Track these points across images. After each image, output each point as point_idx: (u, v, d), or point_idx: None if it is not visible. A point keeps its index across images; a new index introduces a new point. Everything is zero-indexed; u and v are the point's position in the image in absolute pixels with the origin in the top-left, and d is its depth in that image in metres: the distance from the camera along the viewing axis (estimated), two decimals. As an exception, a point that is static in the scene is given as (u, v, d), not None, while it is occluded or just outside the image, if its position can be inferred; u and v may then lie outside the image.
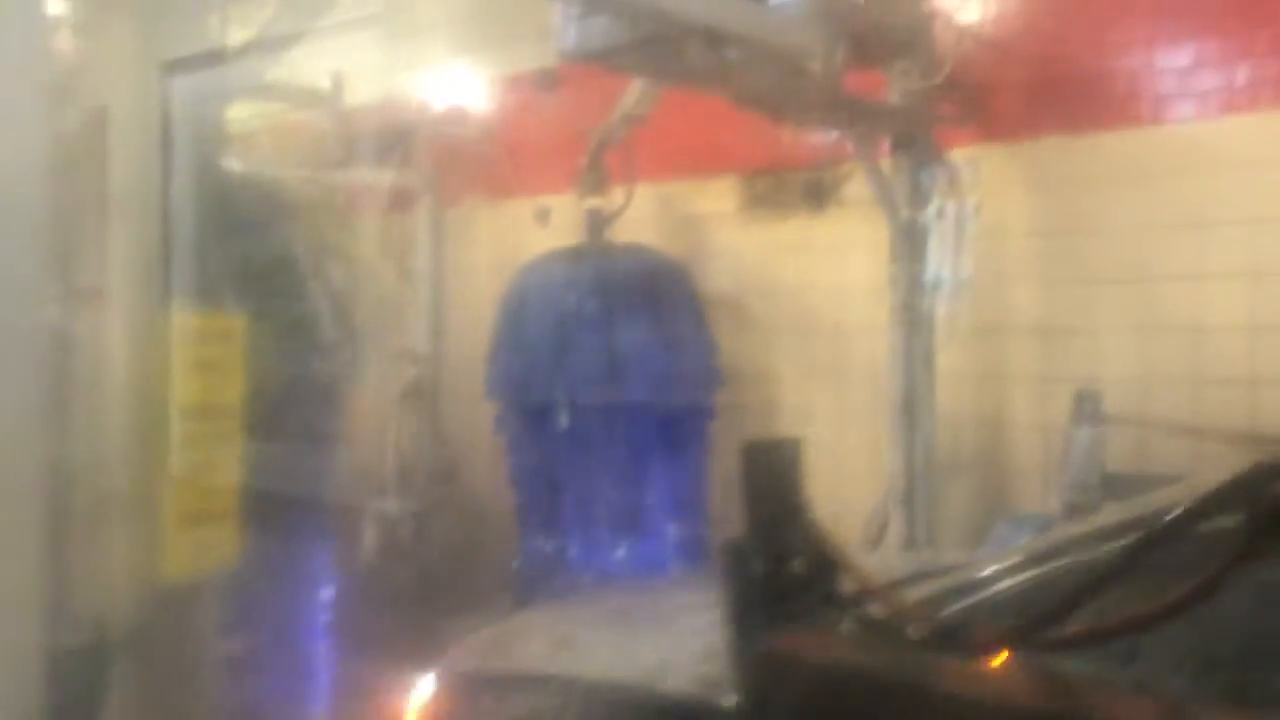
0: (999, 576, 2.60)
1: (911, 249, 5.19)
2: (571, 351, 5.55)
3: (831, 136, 5.33)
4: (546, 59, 4.95)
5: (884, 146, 5.30)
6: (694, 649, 2.72)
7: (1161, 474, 4.07)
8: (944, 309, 5.18)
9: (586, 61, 3.91)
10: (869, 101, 5.09)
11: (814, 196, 5.97)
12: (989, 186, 5.24)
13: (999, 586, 2.51)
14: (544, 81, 6.43)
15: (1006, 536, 4.48)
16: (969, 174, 5.16)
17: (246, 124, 6.27)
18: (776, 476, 1.91)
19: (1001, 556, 2.79)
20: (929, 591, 2.60)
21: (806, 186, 5.99)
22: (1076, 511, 4.29)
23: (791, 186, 6.09)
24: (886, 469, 5.38)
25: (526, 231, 6.87)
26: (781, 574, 1.85)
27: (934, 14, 5.30)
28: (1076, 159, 5.24)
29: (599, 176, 5.95)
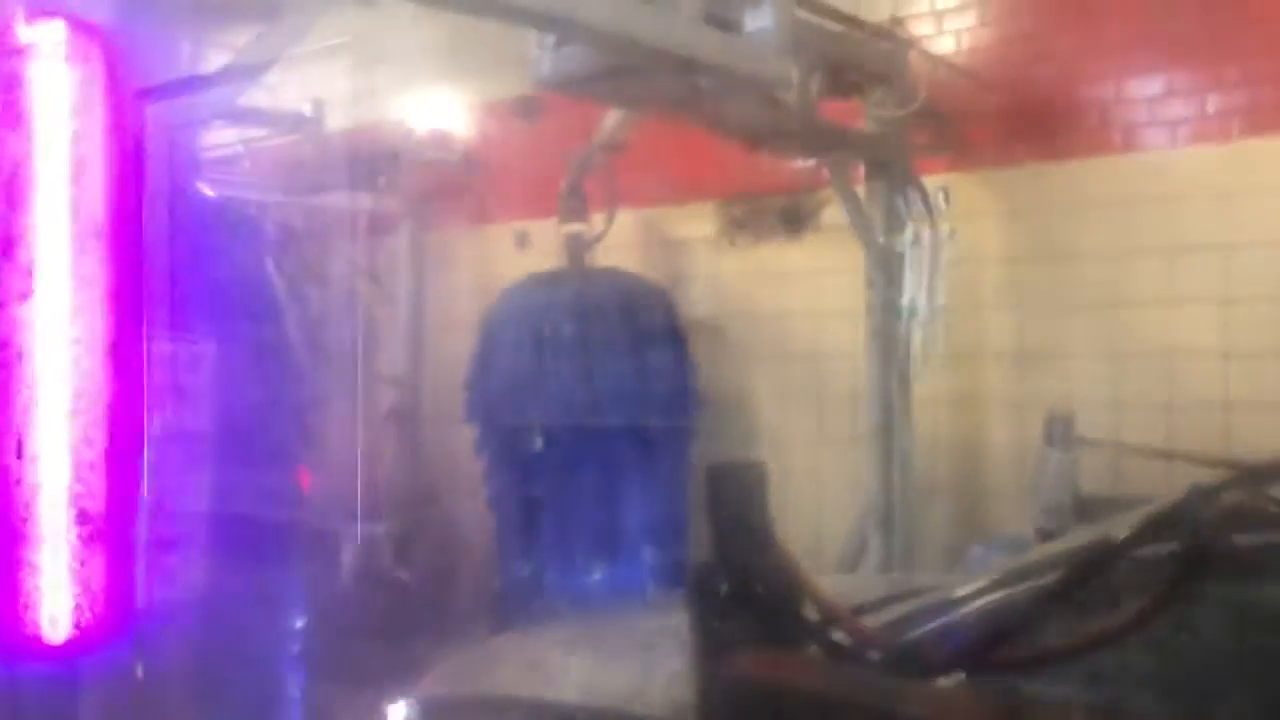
0: (969, 599, 2.61)
1: (887, 275, 5.23)
2: (550, 375, 5.57)
3: (808, 163, 5.37)
4: (528, 86, 5.00)
5: (859, 173, 5.36)
6: (667, 673, 2.73)
7: (1135, 497, 4.10)
8: (919, 334, 5.22)
9: (561, 90, 3.95)
10: (844, 129, 5.15)
11: (791, 222, 6.03)
12: (963, 213, 5.31)
13: (968, 609, 2.53)
14: (526, 108, 6.48)
15: (983, 559, 4.50)
16: (943, 201, 5.22)
17: (228, 148, 6.30)
18: (741, 500, 1.94)
19: (972, 579, 2.81)
20: (901, 614, 2.62)
21: (784, 212, 6.05)
22: (1049, 534, 4.32)
23: (769, 212, 6.14)
24: (864, 492, 5.41)
25: (507, 256, 6.91)
26: (746, 597, 1.87)
27: (908, 43, 5.38)
28: (1050, 186, 5.31)
29: (578, 202, 5.99)
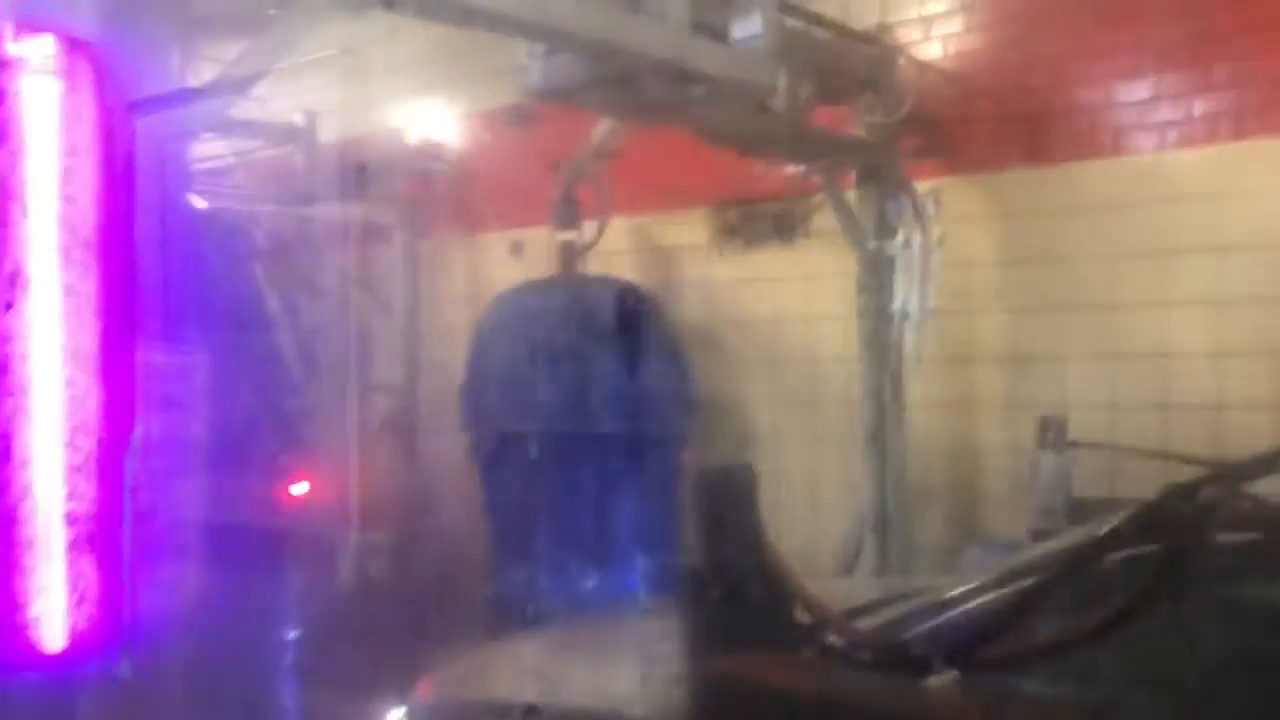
0: (959, 600, 2.63)
1: (879, 280, 5.26)
2: (544, 382, 5.58)
3: (799, 170, 5.39)
4: (519, 95, 5.02)
5: (850, 179, 5.38)
6: (662, 677, 2.74)
7: (1129, 498, 4.11)
8: (912, 338, 5.24)
9: (552, 99, 3.97)
10: (835, 135, 5.18)
11: (783, 228, 6.04)
12: (954, 217, 5.33)
13: (957, 610, 2.54)
14: (518, 117, 6.50)
15: (978, 561, 4.52)
16: (934, 205, 5.24)
17: (220, 160, 6.32)
18: (730, 502, 1.95)
19: (964, 580, 2.83)
20: (893, 615, 2.63)
21: (776, 219, 6.06)
22: (1043, 536, 4.33)
23: (761, 218, 6.16)
24: (858, 496, 5.42)
25: (500, 265, 6.93)
26: (736, 599, 1.89)
27: (897, 49, 5.40)
28: (1040, 190, 5.32)
29: (571, 210, 6.01)
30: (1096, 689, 2.12)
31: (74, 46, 1.77)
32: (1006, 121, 5.41)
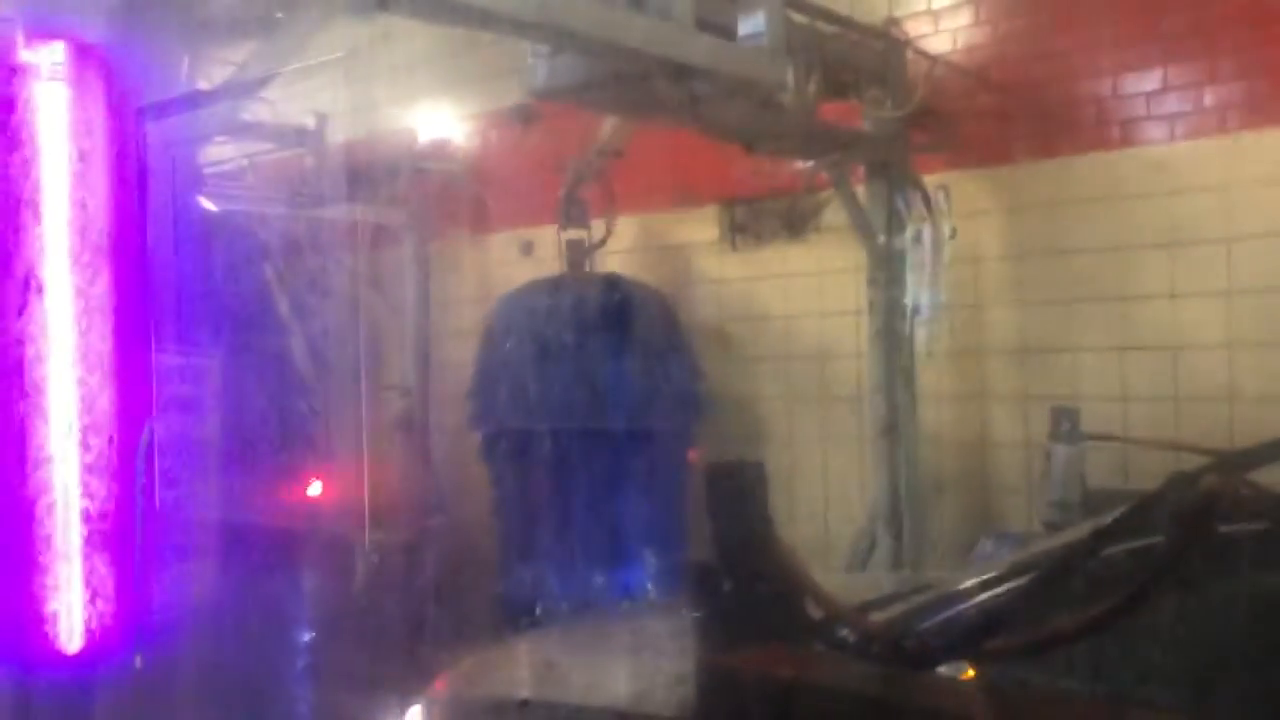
0: (970, 593, 2.64)
1: (889, 274, 5.25)
2: (553, 381, 5.59)
3: (807, 165, 5.39)
4: (525, 95, 5.03)
5: (859, 174, 5.37)
6: (672, 673, 2.75)
7: (1142, 490, 4.10)
8: (923, 332, 5.24)
9: (556, 99, 3.98)
10: (843, 130, 5.17)
11: (793, 224, 6.04)
12: (964, 211, 5.32)
13: (968, 603, 2.55)
14: (523, 116, 6.51)
15: (991, 554, 4.51)
16: (943, 199, 5.23)
17: (230, 163, 6.35)
18: (741, 498, 1.96)
19: (977, 573, 2.84)
20: (905, 608, 2.64)
21: (785, 214, 6.06)
22: (1057, 528, 4.33)
23: (770, 215, 6.17)
24: (871, 490, 5.42)
25: (510, 264, 6.94)
26: (747, 594, 1.89)
27: (905, 43, 5.39)
28: (1049, 183, 5.31)
29: (578, 209, 6.01)
30: (1110, 681, 2.13)
31: (84, 53, 1.79)
32: (1016, 115, 5.41)
